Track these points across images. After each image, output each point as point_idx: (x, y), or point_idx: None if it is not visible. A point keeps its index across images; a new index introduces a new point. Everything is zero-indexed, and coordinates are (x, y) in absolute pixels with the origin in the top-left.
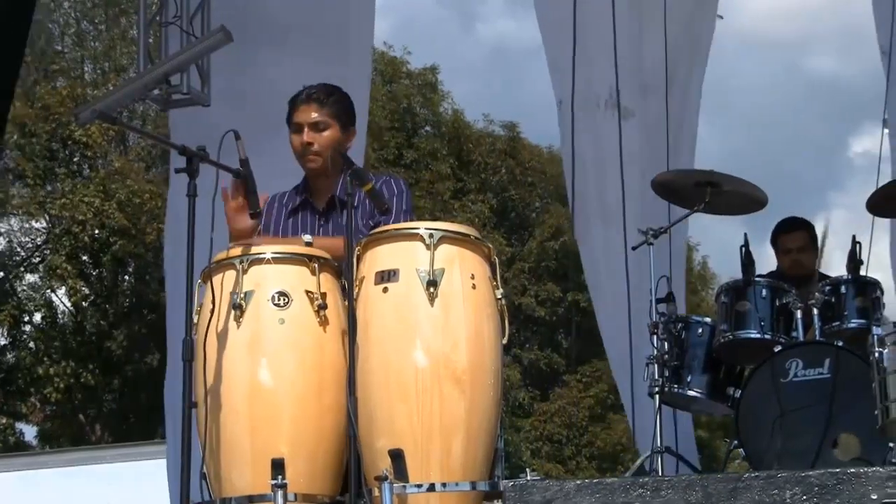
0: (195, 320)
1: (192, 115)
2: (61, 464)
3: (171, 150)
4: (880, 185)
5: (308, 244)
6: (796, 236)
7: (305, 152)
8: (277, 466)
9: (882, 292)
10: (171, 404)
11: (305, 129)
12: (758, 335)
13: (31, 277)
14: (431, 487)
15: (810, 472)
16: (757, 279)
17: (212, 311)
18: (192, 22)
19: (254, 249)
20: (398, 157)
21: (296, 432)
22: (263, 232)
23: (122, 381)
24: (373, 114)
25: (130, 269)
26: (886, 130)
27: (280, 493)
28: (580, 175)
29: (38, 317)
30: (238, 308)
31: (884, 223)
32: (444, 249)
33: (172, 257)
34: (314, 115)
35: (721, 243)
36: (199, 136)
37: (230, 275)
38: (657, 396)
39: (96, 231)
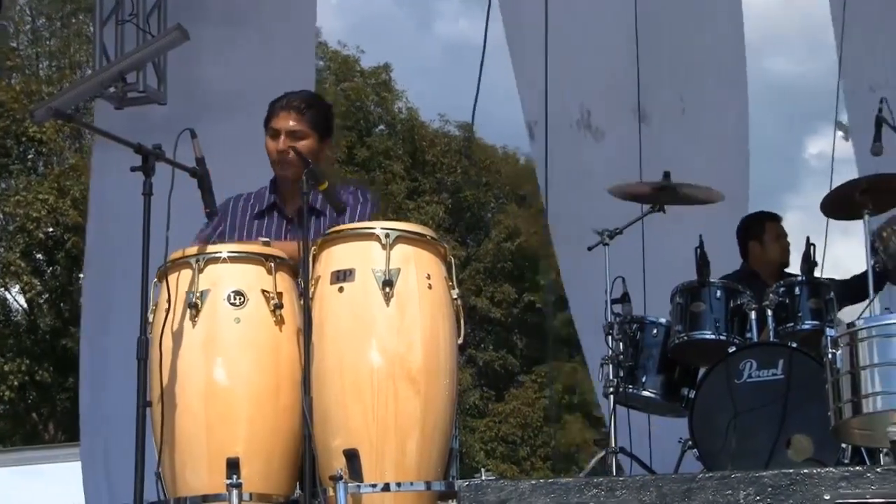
0: (150, 319)
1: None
2: (13, 463)
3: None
4: (834, 186)
5: (265, 244)
6: (780, 225)
7: (280, 159)
8: (232, 466)
9: (835, 293)
10: (85, 407)
11: (282, 136)
12: (712, 336)
13: None
14: (386, 487)
15: (764, 473)
16: (712, 280)
17: (167, 310)
18: (149, 20)
19: (210, 248)
20: (350, 157)
21: (251, 432)
22: (228, 233)
23: (76, 380)
24: None
25: None
26: (840, 133)
27: (235, 492)
28: (555, 194)
29: None
30: (194, 307)
31: (838, 225)
32: (400, 249)
33: (93, 253)
34: (292, 124)
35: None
36: (146, 130)
37: (186, 274)
38: (612, 397)
39: (50, 228)
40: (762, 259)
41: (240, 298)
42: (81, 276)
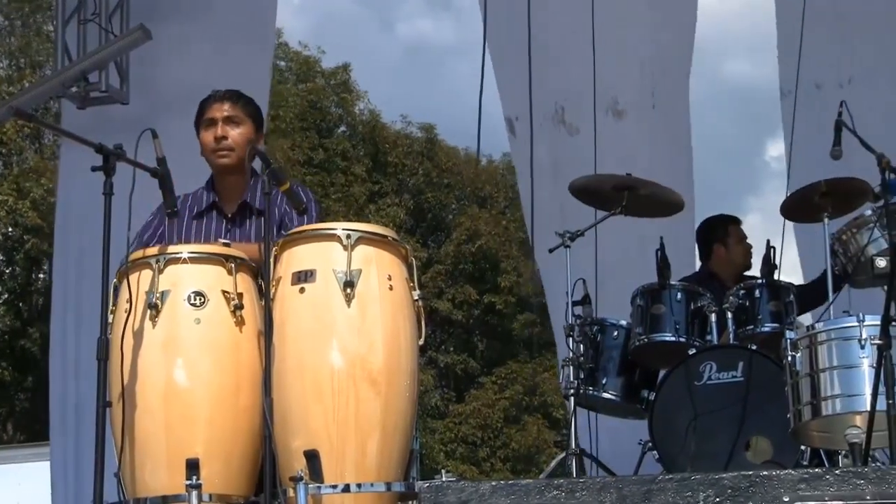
0: (110, 319)
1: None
2: None
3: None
4: (788, 184)
5: (225, 246)
6: (741, 228)
7: (218, 146)
8: (192, 467)
9: (795, 296)
10: (56, 405)
11: (219, 124)
12: (672, 338)
13: None
14: (346, 488)
15: (723, 475)
16: (672, 283)
17: (127, 311)
18: (111, 20)
19: (170, 249)
20: (309, 158)
21: (211, 432)
22: (168, 235)
23: (35, 380)
24: (285, 113)
25: (45, 268)
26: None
27: (194, 493)
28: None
29: None
30: (154, 308)
31: (797, 227)
32: (362, 250)
33: (62, 253)
34: (228, 110)
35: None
36: (103, 130)
37: (146, 274)
38: (572, 399)
39: (9, 229)
40: (726, 262)
41: (200, 299)
42: (42, 276)
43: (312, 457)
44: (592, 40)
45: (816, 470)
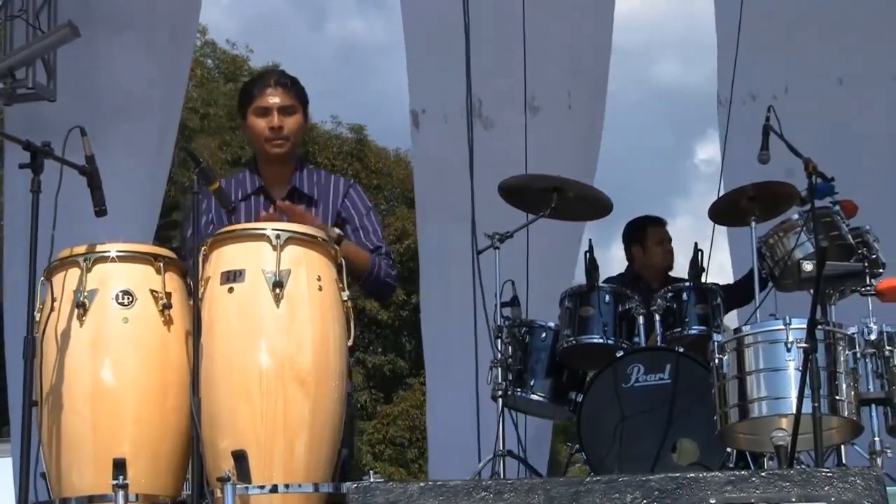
0: (37, 318)
1: (33, 108)
2: None
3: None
4: (721, 193)
5: (339, 236)
6: (664, 229)
7: (274, 136)
8: (119, 466)
9: (722, 299)
10: (15, 403)
11: (275, 113)
12: (601, 340)
13: None
14: (274, 489)
15: (651, 477)
16: (601, 285)
17: (54, 310)
18: (39, 16)
19: (98, 247)
20: (238, 158)
21: (138, 432)
22: (216, 216)
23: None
24: (214, 112)
25: None
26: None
27: (121, 493)
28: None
29: None
30: (81, 306)
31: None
32: (291, 250)
33: (12, 255)
34: (284, 99)
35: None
36: (37, 129)
37: (73, 273)
38: (500, 400)
39: None
40: (645, 263)
41: (128, 298)
42: None
43: (240, 457)
44: (524, 33)
45: (743, 472)
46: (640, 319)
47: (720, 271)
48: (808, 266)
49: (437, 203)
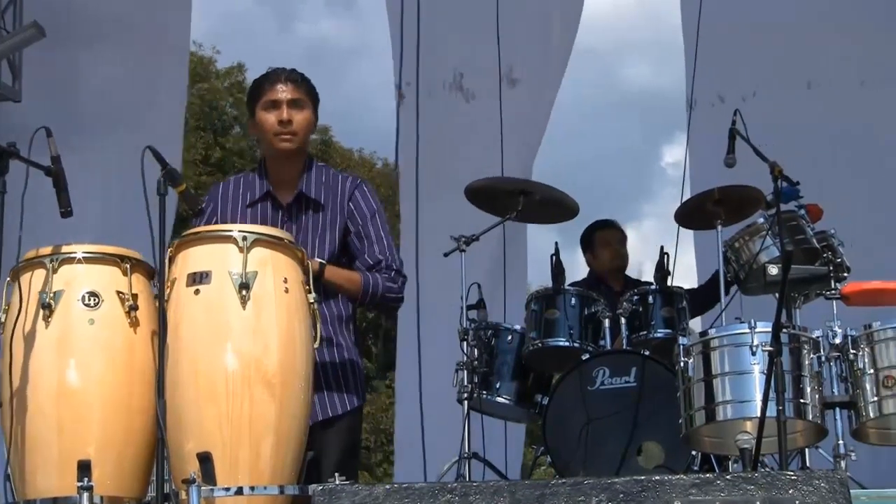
0: (3, 319)
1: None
2: None
3: None
4: (686, 196)
5: (322, 266)
6: (613, 231)
7: (283, 129)
8: (84, 468)
9: (687, 302)
10: None
11: (284, 107)
12: (566, 343)
13: None
14: (240, 491)
15: (616, 480)
16: (567, 288)
17: (19, 310)
18: (4, 16)
19: (64, 249)
20: (205, 158)
21: (104, 434)
22: (221, 222)
23: None
24: None
25: None
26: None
27: (86, 495)
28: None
29: None
30: (47, 307)
31: (689, 233)
32: (258, 252)
33: None
34: (294, 93)
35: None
36: (5, 132)
37: (39, 274)
38: (466, 403)
39: None
40: (596, 267)
41: (94, 299)
42: None
43: (205, 459)
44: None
45: (707, 475)
46: (606, 322)
47: (686, 275)
48: (773, 270)
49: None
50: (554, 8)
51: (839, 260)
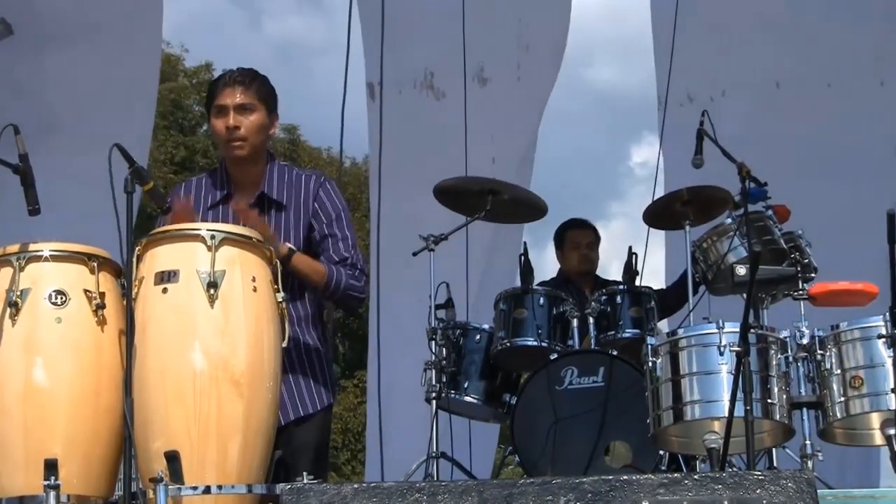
0: None
1: None
2: None
3: None
4: (656, 196)
5: (291, 250)
6: (585, 233)
7: (230, 136)
8: (50, 467)
9: (656, 302)
10: None
11: (231, 112)
12: (534, 343)
13: None
14: (207, 490)
15: (584, 479)
16: (535, 287)
17: None
18: None
19: (31, 247)
20: (171, 157)
21: (71, 433)
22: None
23: None
24: None
25: None
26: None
27: (52, 494)
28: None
29: None
30: (13, 306)
31: (659, 234)
32: (226, 251)
33: None
34: (240, 97)
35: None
36: None
37: (6, 272)
38: (434, 402)
39: None
40: (565, 267)
41: (61, 298)
42: None
43: (173, 458)
44: (463, 3)
45: (675, 475)
46: (574, 322)
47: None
48: (741, 270)
49: (391, 173)
50: (529, 8)
51: (807, 261)
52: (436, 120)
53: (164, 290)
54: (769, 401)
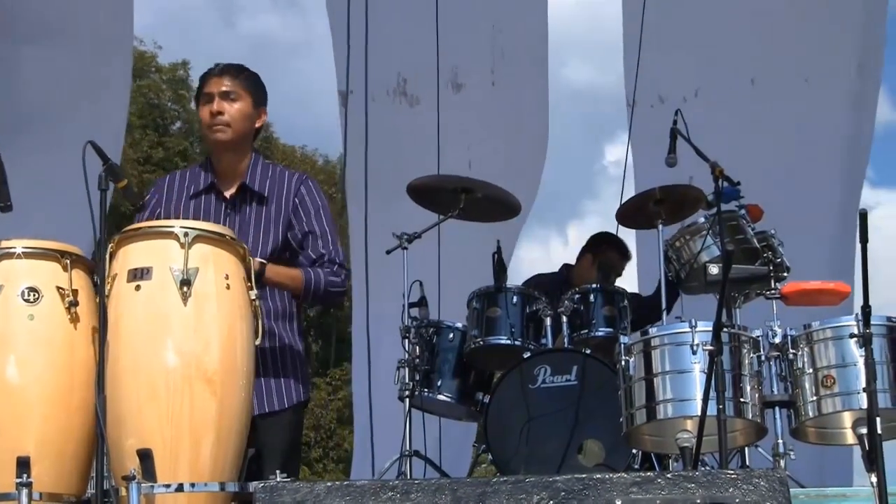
0: None
1: None
2: None
3: None
4: (625, 196)
5: (262, 264)
6: (624, 263)
7: (214, 122)
8: (23, 465)
9: (629, 300)
10: None
11: (216, 99)
12: (508, 341)
13: None
14: (180, 487)
15: (557, 478)
16: (508, 286)
17: None
18: None
19: (3, 244)
20: (148, 156)
21: (43, 431)
22: (164, 215)
23: None
24: None
25: None
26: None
27: (24, 491)
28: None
29: None
30: None
31: (631, 233)
32: (199, 249)
33: None
34: (225, 85)
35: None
36: None
37: None
38: (407, 400)
39: None
40: (579, 271)
41: (34, 295)
42: None
43: (145, 456)
44: (436, 9)
45: (648, 473)
46: (548, 321)
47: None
48: (713, 269)
49: (365, 179)
50: (503, 14)
51: (779, 260)
52: (410, 126)
53: (137, 288)
54: (741, 399)
